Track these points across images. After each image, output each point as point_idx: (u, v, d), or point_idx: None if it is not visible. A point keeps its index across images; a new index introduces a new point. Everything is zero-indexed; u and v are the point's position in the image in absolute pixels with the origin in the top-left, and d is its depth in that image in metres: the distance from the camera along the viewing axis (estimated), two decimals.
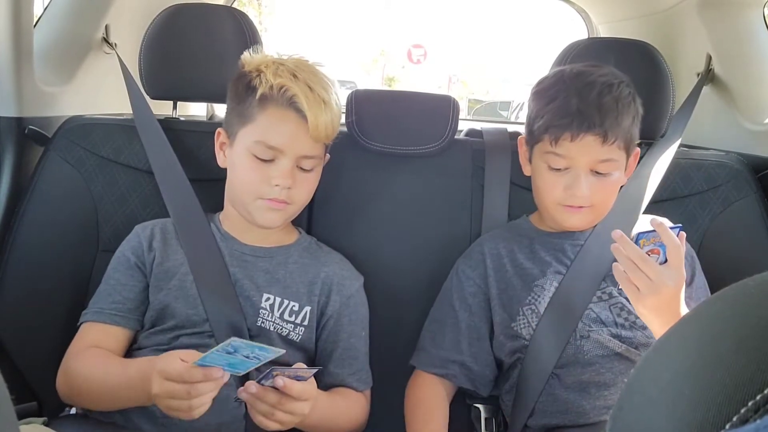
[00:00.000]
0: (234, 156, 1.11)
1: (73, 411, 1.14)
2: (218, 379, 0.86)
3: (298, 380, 0.89)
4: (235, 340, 0.82)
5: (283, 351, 0.86)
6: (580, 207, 1.10)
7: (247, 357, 0.85)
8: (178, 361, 0.87)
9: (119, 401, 1.01)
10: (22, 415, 1.12)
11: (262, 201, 1.08)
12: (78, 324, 1.11)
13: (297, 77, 1.06)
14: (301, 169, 1.09)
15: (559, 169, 1.09)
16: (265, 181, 1.06)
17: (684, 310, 0.96)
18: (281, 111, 1.06)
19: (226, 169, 1.15)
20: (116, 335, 1.09)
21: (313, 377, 0.93)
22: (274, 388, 0.88)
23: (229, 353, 0.83)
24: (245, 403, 1.07)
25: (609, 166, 1.08)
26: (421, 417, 1.14)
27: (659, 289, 0.91)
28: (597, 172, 1.08)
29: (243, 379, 1.07)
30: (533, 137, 1.13)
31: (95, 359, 1.05)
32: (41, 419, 1.08)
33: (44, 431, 1.01)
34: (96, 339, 1.08)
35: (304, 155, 1.08)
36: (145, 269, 1.12)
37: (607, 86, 1.07)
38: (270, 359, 0.85)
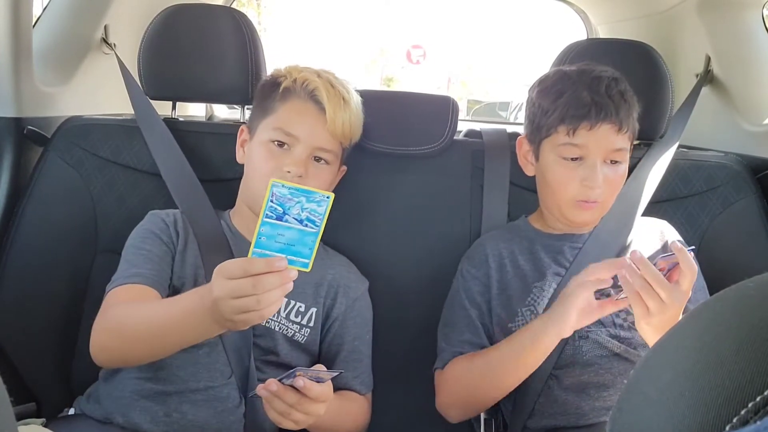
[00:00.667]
0: (252, 148, 1.12)
1: (71, 412, 1.14)
2: (283, 271, 0.79)
3: (317, 382, 0.89)
4: (275, 183, 0.78)
5: (332, 194, 0.82)
6: (594, 202, 1.10)
7: (299, 217, 0.80)
8: (237, 259, 0.83)
9: (170, 338, 0.94)
10: (20, 416, 1.12)
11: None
12: (106, 291, 1.05)
13: (320, 75, 1.12)
14: (316, 160, 1.11)
15: (574, 159, 1.10)
16: (279, 167, 1.07)
17: None
18: (302, 103, 1.10)
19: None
20: (154, 299, 1.02)
21: (330, 382, 0.92)
22: (293, 387, 0.87)
23: (278, 217, 0.79)
24: (245, 404, 1.07)
25: (621, 155, 1.11)
26: (485, 353, 1.10)
27: (668, 310, 0.91)
28: (611, 162, 1.10)
29: (244, 380, 1.07)
30: (541, 133, 1.13)
31: (135, 303, 1.00)
32: (40, 420, 1.08)
33: None
34: (132, 297, 1.02)
35: (320, 147, 1.10)
36: (173, 248, 1.10)
37: (614, 80, 1.10)
38: (321, 206, 0.80)
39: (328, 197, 0.81)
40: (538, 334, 1.00)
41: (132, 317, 0.98)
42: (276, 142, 1.08)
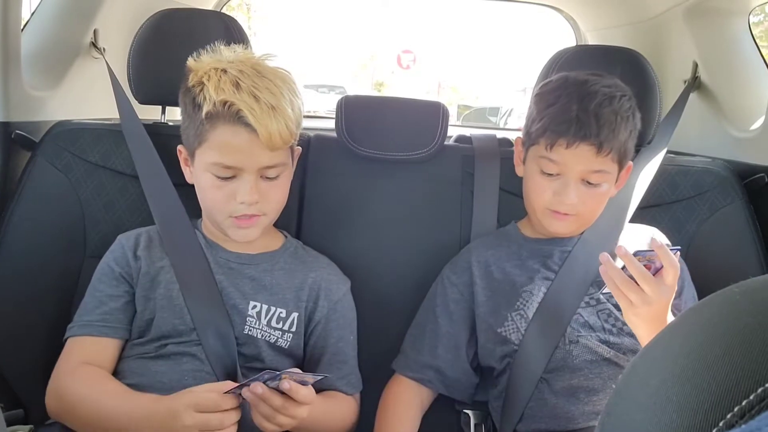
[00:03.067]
0: (197, 175, 1.08)
1: None
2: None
3: (302, 385, 0.90)
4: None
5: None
6: (566, 214, 1.10)
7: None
8: (211, 393, 0.91)
9: (120, 428, 0.98)
10: (8, 423, 1.11)
11: (231, 220, 1.06)
12: (64, 339, 1.09)
13: (240, 87, 1.00)
14: (267, 178, 1.07)
15: (550, 174, 1.09)
16: (231, 198, 1.04)
17: (671, 318, 0.97)
18: (230, 127, 1.01)
19: None
20: (106, 347, 1.08)
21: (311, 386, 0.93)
22: (278, 390, 0.88)
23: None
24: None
25: (600, 177, 1.08)
26: (390, 421, 1.15)
27: (653, 302, 0.93)
28: (588, 182, 1.09)
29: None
30: (530, 139, 1.13)
31: (92, 380, 1.03)
32: (27, 427, 1.06)
33: None
34: (87, 353, 1.07)
35: (264, 166, 1.04)
36: (131, 279, 1.11)
37: (609, 98, 1.06)
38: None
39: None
40: None
41: (85, 402, 1.01)
42: (219, 177, 1.04)
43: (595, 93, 1.06)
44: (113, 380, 1.05)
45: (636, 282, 0.93)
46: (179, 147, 1.13)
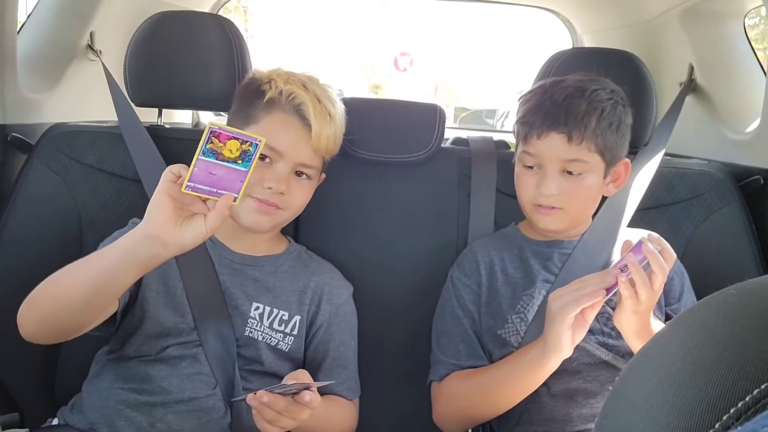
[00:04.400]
0: None
1: (55, 422, 1.12)
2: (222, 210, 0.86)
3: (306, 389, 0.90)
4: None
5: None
6: (552, 208, 1.11)
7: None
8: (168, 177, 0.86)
9: (98, 281, 0.90)
10: (3, 427, 1.11)
11: (252, 200, 1.06)
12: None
13: (307, 88, 1.08)
14: (297, 176, 1.09)
15: (531, 167, 1.11)
16: (259, 182, 1.05)
17: (654, 321, 0.98)
18: (287, 116, 1.07)
19: None
20: None
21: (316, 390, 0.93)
22: (281, 394, 0.88)
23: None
24: (231, 413, 1.06)
25: (578, 166, 1.08)
26: (482, 371, 1.11)
27: (652, 300, 0.94)
28: (568, 173, 1.09)
29: (229, 391, 1.06)
30: (516, 139, 1.16)
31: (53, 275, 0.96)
32: (23, 430, 1.06)
33: None
34: None
35: (302, 163, 1.08)
36: None
37: (580, 90, 1.08)
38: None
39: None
40: (539, 360, 0.99)
41: (46, 285, 0.95)
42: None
43: (567, 86, 1.09)
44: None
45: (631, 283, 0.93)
46: None
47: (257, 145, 0.87)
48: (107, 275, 0.89)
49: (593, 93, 1.08)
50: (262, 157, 1.06)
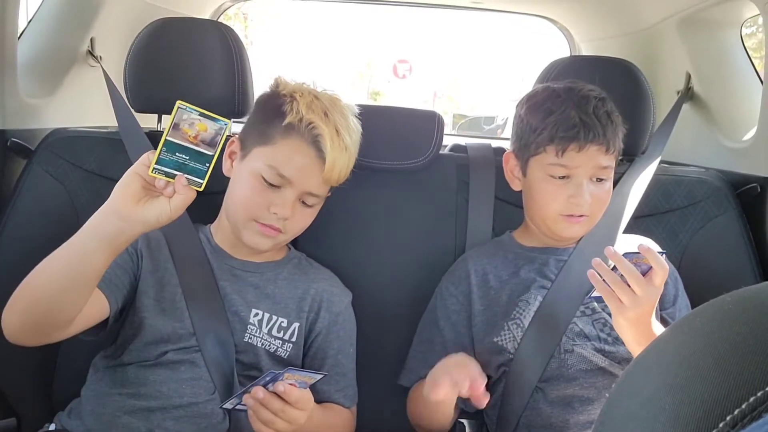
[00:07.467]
0: (242, 171, 1.09)
1: (52, 427, 1.12)
2: (183, 186, 0.87)
3: (300, 386, 0.91)
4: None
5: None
6: (581, 216, 1.12)
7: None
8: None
9: (71, 267, 0.90)
10: None
11: (255, 224, 1.07)
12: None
13: (328, 117, 1.07)
14: (303, 203, 1.09)
15: (562, 178, 1.11)
16: (265, 206, 1.05)
17: (655, 324, 0.98)
18: (303, 145, 1.06)
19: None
20: (95, 298, 0.98)
21: (309, 390, 0.94)
22: (277, 394, 0.89)
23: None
24: (230, 419, 1.06)
25: (607, 172, 1.12)
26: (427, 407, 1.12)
27: (642, 303, 0.93)
28: (598, 179, 1.12)
29: (228, 396, 1.06)
30: (529, 150, 1.13)
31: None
32: None
33: None
34: None
35: (310, 192, 1.08)
36: (137, 265, 1.09)
37: (600, 100, 1.12)
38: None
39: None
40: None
41: (35, 271, 0.94)
42: (265, 181, 1.06)
43: (587, 97, 1.11)
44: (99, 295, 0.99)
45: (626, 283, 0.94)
46: (232, 138, 1.14)
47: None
48: (78, 259, 0.90)
49: (609, 103, 1.13)
50: (270, 185, 1.06)
